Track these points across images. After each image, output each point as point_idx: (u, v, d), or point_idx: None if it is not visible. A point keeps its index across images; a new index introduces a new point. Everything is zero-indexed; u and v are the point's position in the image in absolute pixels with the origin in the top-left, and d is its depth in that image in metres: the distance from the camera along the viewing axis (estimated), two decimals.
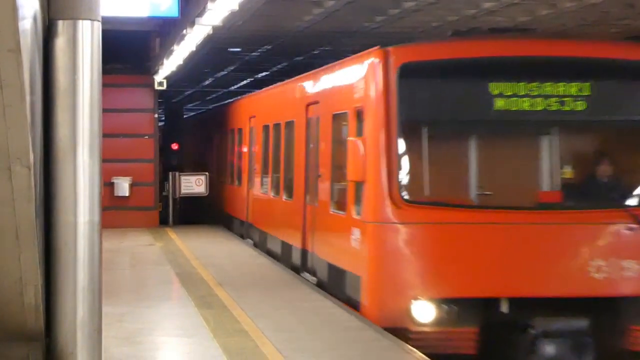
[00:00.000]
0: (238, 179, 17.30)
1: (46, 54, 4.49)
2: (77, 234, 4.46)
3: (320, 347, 6.43)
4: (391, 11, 12.04)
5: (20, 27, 3.96)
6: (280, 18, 12.44)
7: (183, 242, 15.12)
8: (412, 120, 8.23)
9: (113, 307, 6.73)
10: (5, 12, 3.83)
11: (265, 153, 14.89)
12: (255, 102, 16.43)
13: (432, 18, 11.80)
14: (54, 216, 4.53)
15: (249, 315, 7.61)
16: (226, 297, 8.74)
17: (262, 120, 14.92)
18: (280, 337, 6.56)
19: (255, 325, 6.98)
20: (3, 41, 3.98)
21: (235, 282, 10.30)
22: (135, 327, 6.83)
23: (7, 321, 4.53)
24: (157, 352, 6.15)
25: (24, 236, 4.40)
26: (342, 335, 6.96)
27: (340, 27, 13.24)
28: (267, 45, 15.78)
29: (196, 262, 12.24)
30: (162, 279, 10.60)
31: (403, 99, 7.91)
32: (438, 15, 12.13)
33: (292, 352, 5.93)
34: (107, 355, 4.72)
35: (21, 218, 4.40)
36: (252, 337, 6.38)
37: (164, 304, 8.61)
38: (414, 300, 7.23)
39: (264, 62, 18.56)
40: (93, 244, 4.49)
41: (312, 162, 11.35)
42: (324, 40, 14.88)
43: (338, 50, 14.15)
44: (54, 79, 4.46)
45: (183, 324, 7.46)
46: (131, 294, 9.02)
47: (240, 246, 15.28)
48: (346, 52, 11.74)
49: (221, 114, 20.55)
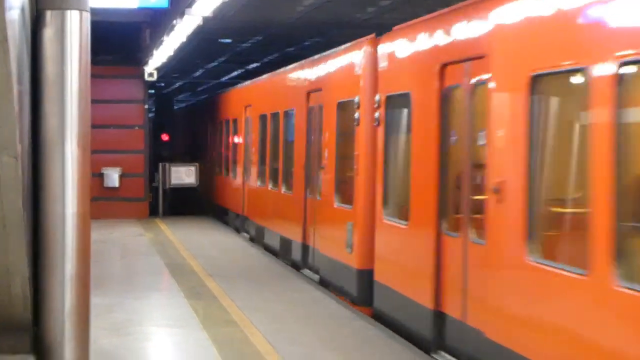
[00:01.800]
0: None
1: (34, 45, 4.48)
2: (65, 225, 4.48)
3: (309, 337, 6.49)
4: (382, 2, 12.06)
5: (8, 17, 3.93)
6: (271, 9, 12.46)
7: (173, 233, 15.23)
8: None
9: (102, 297, 6.77)
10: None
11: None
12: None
13: (423, 10, 11.75)
14: (42, 207, 4.55)
15: (239, 306, 7.65)
16: (216, 288, 8.79)
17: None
18: (270, 328, 6.60)
19: (245, 316, 7.01)
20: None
21: (225, 273, 10.37)
22: (124, 317, 6.86)
23: None
24: (146, 342, 6.19)
25: (11, 227, 4.40)
26: (331, 325, 7.01)
27: (331, 19, 13.31)
28: (257, 36, 15.98)
29: (186, 253, 12.29)
30: (151, 270, 10.64)
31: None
32: (429, 7, 12.11)
33: (281, 341, 6.00)
34: (95, 346, 4.76)
35: (8, 209, 4.40)
36: (241, 328, 6.42)
37: (153, 294, 8.65)
38: None
39: (255, 53, 18.75)
40: (82, 235, 4.51)
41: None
42: (315, 32, 14.99)
43: (329, 42, 14.08)
44: (42, 70, 4.47)
45: (172, 315, 7.50)
46: (120, 284, 9.06)
47: (230, 237, 15.40)
48: (337, 43, 11.63)
49: (214, 104, 20.49)
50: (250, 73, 21.28)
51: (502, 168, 6.14)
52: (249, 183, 15.34)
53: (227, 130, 18.50)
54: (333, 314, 7.64)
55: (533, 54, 5.58)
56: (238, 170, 17.05)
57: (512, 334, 5.53)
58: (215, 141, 20.08)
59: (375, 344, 6.52)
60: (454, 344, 6.53)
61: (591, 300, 4.28)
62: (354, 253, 8.90)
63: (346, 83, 9.60)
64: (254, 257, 12.54)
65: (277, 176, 13.06)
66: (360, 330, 6.98)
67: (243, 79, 21.01)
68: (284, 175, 12.59)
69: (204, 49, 16.54)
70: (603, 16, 4.61)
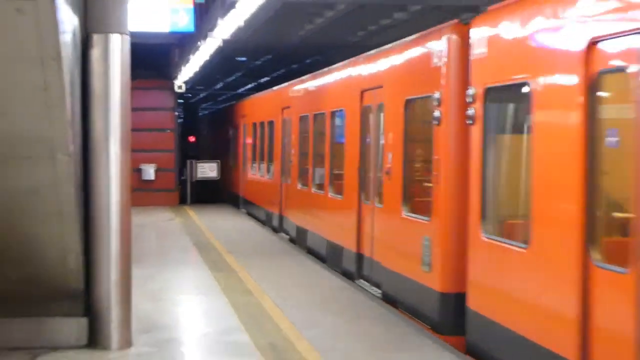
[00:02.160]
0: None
1: (84, 62, 5.36)
2: (110, 212, 5.38)
3: (311, 302, 7.42)
4: (370, 27, 13.19)
5: (61, 39, 4.82)
6: (279, 33, 13.86)
7: (199, 218, 16.68)
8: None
9: (141, 270, 7.79)
10: (48, 26, 4.68)
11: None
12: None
13: (405, 32, 11.98)
14: (91, 197, 5.44)
15: (253, 277, 8.68)
16: (234, 263, 9.81)
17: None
18: (278, 294, 7.57)
19: (258, 285, 8.05)
20: (47, 51, 4.82)
21: (242, 250, 11.38)
22: (159, 286, 7.92)
23: (53, 282, 5.49)
24: (176, 307, 7.17)
25: (66, 214, 5.34)
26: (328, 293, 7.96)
27: (328, 41, 14.78)
28: (268, 55, 18.21)
29: (209, 234, 13.49)
30: (181, 248, 11.78)
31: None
32: (410, 29, 12.71)
33: (287, 305, 6.95)
34: (135, 309, 5.71)
35: (64, 199, 5.33)
36: (255, 295, 7.44)
37: (182, 267, 9.70)
38: None
39: (266, 69, 21.11)
40: (124, 219, 5.43)
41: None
42: (315, 51, 16.77)
43: (327, 60, 15.36)
44: (90, 84, 5.35)
45: (198, 284, 8.56)
46: (156, 259, 10.14)
47: (247, 222, 16.52)
48: (334, 61, 12.32)
49: (241, 109, 21.55)
50: (261, 85, 23.52)
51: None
52: (287, 183, 14.58)
53: (260, 132, 18.90)
54: (329, 285, 8.51)
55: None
56: (274, 170, 16.64)
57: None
58: (243, 142, 20.98)
59: (360, 306, 7.35)
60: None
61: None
62: (435, 273, 7.55)
63: (418, 78, 8.45)
64: (265, 238, 13.60)
65: (322, 179, 12.23)
66: (351, 295, 7.90)
67: (255, 91, 23.11)
68: (331, 178, 11.72)
69: (224, 65, 18.74)
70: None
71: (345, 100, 10.62)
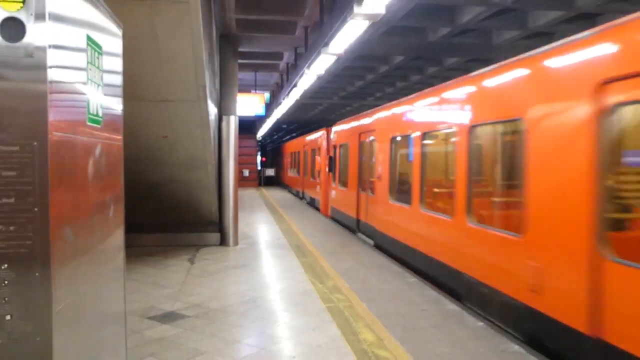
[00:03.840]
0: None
1: (219, 127, 12.70)
2: (230, 188, 12.59)
3: (314, 229, 14.66)
4: (340, 111, 29.80)
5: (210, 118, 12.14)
6: (300, 113, 27.01)
7: (266, 192, 30.13)
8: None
9: (242, 213, 16.39)
10: (204, 113, 11.65)
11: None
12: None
13: (366, 107, 22.09)
14: (222, 182, 12.71)
15: (289, 216, 16.86)
16: (281, 211, 18.83)
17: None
18: (301, 226, 15.01)
19: (291, 220, 16.05)
20: (204, 122, 11.95)
21: (285, 206, 20.86)
22: (249, 220, 16.01)
23: (206, 218, 12.63)
24: (256, 229, 14.48)
25: (212, 189, 12.50)
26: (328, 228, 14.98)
27: (317, 118, 32.51)
28: (294, 125, 38.72)
29: (271, 199, 24.10)
30: (258, 204, 21.71)
31: None
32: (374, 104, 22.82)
33: (306, 232, 14.16)
34: (240, 230, 13.17)
35: (210, 184, 12.56)
36: (288, 224, 15.20)
37: (259, 212, 18.60)
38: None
39: (292, 130, 45.28)
40: (235, 192, 12.64)
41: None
42: (311, 124, 32.04)
43: (311, 129, 30.18)
44: (221, 135, 12.65)
45: (264, 219, 16.44)
46: (248, 209, 19.56)
47: (288, 194, 29.33)
48: (314, 129, 24.57)
49: (283, 146, 41.32)
50: (289, 137, 49.72)
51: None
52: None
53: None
54: (336, 229, 15.51)
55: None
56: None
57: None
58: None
59: (354, 243, 13.99)
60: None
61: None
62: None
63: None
64: (297, 202, 24.00)
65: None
66: (349, 235, 14.73)
67: (289, 139, 46.44)
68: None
69: (277, 128, 43.35)
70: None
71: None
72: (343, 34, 8.37)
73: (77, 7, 3.00)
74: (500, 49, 13.53)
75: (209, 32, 9.69)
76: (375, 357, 5.33)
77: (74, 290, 2.89)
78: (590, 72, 5.08)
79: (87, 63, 3.15)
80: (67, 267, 2.77)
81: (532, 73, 6.17)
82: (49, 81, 2.54)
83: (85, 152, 3.12)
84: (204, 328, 6.19)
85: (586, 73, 5.14)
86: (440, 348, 5.61)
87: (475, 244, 7.22)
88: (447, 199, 8.40)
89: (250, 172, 37.54)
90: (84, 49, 3.08)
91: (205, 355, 5.39)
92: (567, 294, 5.27)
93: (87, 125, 3.15)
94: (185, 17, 6.92)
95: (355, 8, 6.91)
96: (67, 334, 2.77)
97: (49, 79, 2.54)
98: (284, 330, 6.15)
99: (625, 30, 4.81)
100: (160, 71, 8.08)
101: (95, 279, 3.33)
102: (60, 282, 2.65)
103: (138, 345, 5.67)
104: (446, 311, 6.92)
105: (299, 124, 39.54)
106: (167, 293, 7.78)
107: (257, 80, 21.48)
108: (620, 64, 4.78)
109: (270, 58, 17.77)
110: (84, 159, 3.11)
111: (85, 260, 3.12)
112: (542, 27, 11.67)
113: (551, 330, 5.47)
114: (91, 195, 3.25)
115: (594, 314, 4.91)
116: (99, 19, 3.43)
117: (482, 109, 7.26)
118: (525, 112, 6.16)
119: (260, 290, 7.91)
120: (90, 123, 3.21)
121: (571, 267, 5.18)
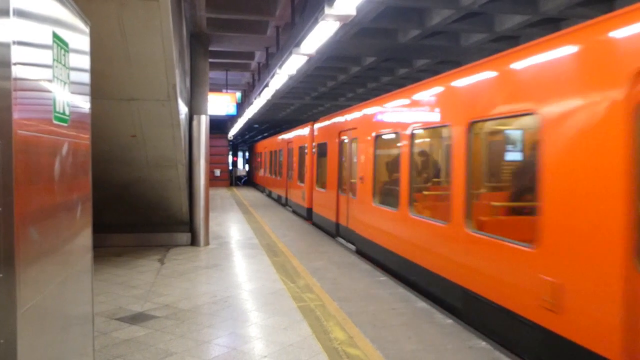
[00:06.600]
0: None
1: (190, 126, 12.63)
2: (200, 188, 12.53)
3: (285, 228, 14.60)
4: (314, 110, 27.57)
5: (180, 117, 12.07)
6: (272, 113, 26.87)
7: (237, 192, 29.82)
8: None
9: (213, 212, 16.10)
10: (175, 112, 11.58)
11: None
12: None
13: (338, 108, 22.29)
14: (193, 182, 12.64)
15: (259, 215, 16.66)
16: (252, 210, 18.41)
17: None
18: (271, 224, 15.00)
19: (262, 219, 15.85)
20: (174, 121, 11.89)
21: (257, 205, 20.35)
22: (220, 220, 15.81)
23: (177, 218, 12.62)
24: (227, 228, 14.44)
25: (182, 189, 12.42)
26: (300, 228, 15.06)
27: (291, 118, 32.40)
28: (266, 125, 38.99)
29: (242, 198, 23.82)
30: (230, 204, 21.38)
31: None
32: (339, 107, 24.21)
33: (276, 229, 14.29)
34: (210, 229, 13.13)
35: (181, 183, 12.50)
36: (260, 223, 15.10)
37: (230, 212, 18.17)
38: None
39: (264, 130, 47.35)
40: (206, 192, 12.59)
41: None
42: (284, 123, 33.15)
43: (289, 126, 30.87)
44: (192, 135, 12.56)
45: (236, 219, 16.31)
46: (220, 208, 19.12)
47: (259, 194, 29.84)
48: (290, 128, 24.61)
49: (255, 145, 42.00)
50: (261, 136, 51.52)
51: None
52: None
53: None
54: (302, 225, 15.62)
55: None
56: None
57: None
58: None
59: (322, 239, 13.64)
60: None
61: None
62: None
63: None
64: (267, 200, 24.64)
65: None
66: (314, 231, 14.75)
67: (261, 139, 46.13)
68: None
69: (248, 128, 43.22)
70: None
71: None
72: (314, 35, 8.39)
73: (42, 4, 2.96)
74: (468, 52, 13.71)
75: (180, 31, 9.63)
76: (346, 355, 5.36)
77: (40, 291, 2.85)
78: (629, 58, 4.32)
79: (53, 60, 3.11)
80: (32, 267, 2.73)
81: (548, 62, 5.20)
82: (13, 78, 2.50)
83: (51, 150, 3.07)
84: (173, 329, 6.15)
85: (623, 59, 4.36)
86: (409, 345, 5.66)
87: (475, 254, 6.33)
88: (442, 203, 7.53)
89: (222, 171, 37.51)
90: (49, 46, 3.04)
91: (175, 356, 5.35)
92: (594, 316, 4.52)
93: (53, 123, 3.10)
94: (154, 15, 6.87)
95: (326, 9, 6.94)
96: (32, 336, 2.72)
97: (13, 76, 2.50)
98: (255, 330, 6.14)
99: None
100: (130, 69, 8.00)
101: (62, 279, 3.29)
102: (25, 283, 2.61)
103: (106, 346, 5.61)
104: (416, 309, 6.99)
105: (270, 124, 40.91)
106: (136, 294, 7.71)
107: (229, 79, 21.44)
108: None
109: (242, 57, 17.73)
110: (50, 157, 3.07)
111: (52, 260, 3.08)
112: (508, 30, 11.85)
113: (571, 353, 4.73)
114: (57, 194, 3.21)
115: (629, 340, 4.21)
116: (65, 16, 3.39)
117: (487, 102, 6.24)
118: (541, 105, 5.21)
119: (231, 290, 7.89)
120: (57, 121, 3.17)
121: (600, 284, 4.45)
